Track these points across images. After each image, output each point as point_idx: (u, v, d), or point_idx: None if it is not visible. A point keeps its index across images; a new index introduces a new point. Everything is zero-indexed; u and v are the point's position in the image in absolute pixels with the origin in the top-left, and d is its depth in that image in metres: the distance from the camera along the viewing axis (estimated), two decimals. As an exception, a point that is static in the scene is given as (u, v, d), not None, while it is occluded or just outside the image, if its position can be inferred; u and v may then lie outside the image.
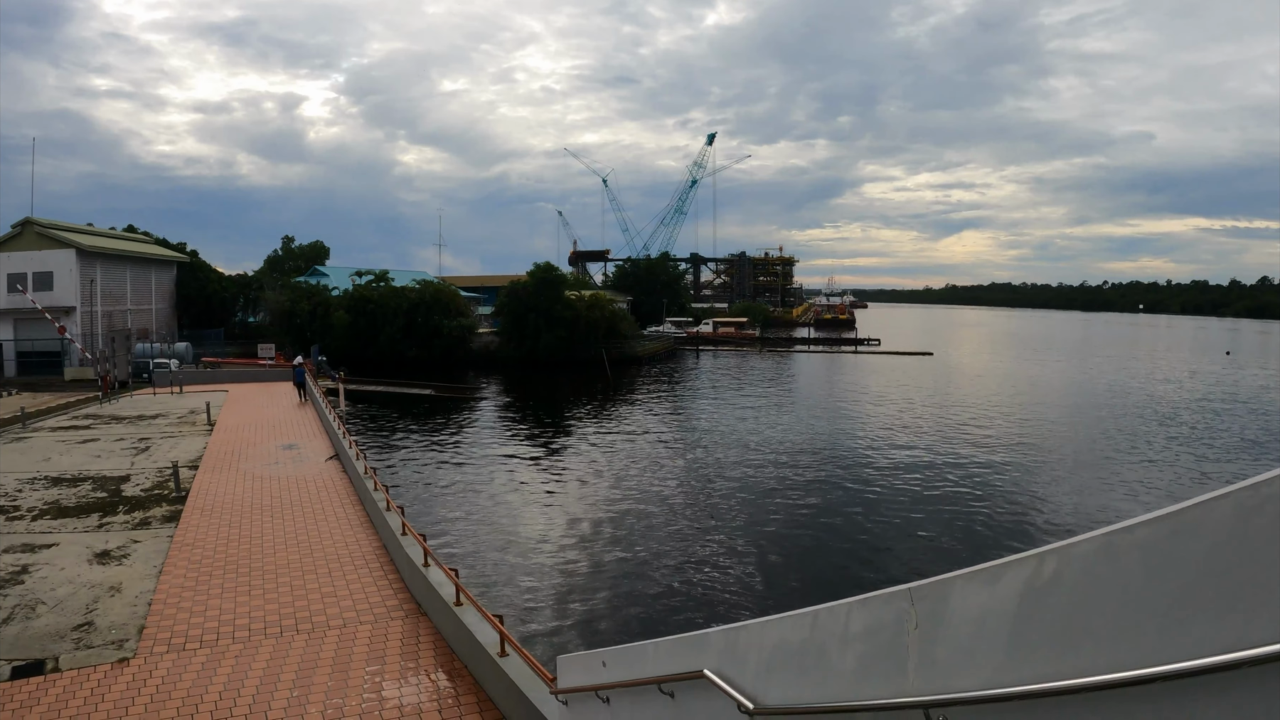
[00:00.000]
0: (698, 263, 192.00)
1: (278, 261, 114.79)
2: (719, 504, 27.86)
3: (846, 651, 3.53)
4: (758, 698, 4.18)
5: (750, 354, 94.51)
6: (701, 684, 4.79)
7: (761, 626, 4.29)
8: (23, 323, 62.07)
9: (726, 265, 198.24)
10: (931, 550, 23.35)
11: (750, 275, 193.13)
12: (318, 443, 28.42)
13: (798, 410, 50.10)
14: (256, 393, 45.00)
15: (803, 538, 24.38)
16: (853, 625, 3.47)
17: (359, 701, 9.97)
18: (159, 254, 79.71)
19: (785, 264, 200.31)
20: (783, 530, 24.99)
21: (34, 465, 24.91)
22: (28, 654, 11.51)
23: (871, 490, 29.49)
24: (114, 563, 15.61)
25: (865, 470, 32.60)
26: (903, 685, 3.12)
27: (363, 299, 75.99)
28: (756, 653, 4.30)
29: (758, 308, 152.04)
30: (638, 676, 5.98)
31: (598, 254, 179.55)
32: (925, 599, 3.04)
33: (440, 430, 43.14)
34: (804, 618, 3.84)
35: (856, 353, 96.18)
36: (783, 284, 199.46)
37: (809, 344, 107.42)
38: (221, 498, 20.64)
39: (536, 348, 73.57)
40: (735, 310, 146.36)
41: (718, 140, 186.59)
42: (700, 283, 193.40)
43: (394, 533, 15.41)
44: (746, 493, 29.20)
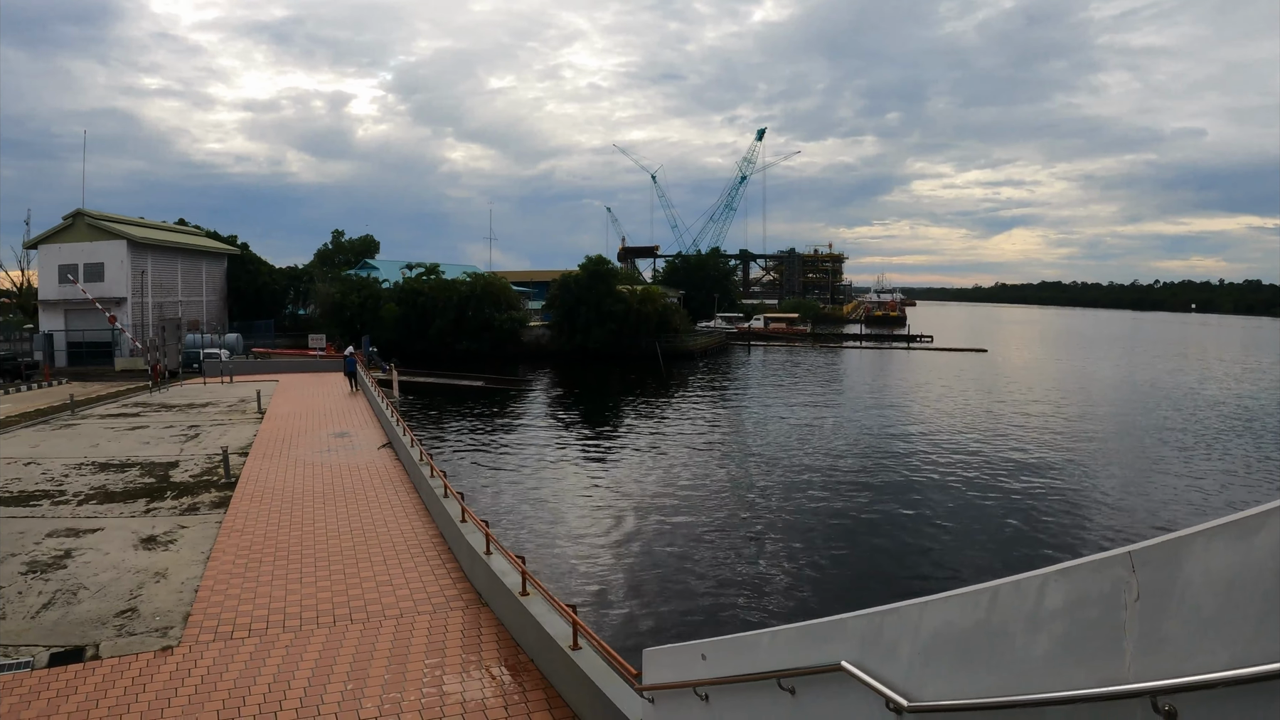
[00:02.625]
0: (747, 259, 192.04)
1: (328, 255, 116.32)
2: (781, 497, 27.06)
3: (1037, 634, 3.05)
4: (912, 693, 3.71)
5: (801, 350, 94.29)
6: (835, 678, 4.34)
7: (918, 609, 3.80)
8: (74, 313, 63.15)
9: (775, 262, 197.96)
10: (999, 545, 22.61)
11: (799, 272, 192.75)
12: (370, 431, 28.14)
13: (854, 406, 49.19)
14: (307, 382, 45.24)
15: (866, 532, 23.66)
16: (1047, 601, 3.00)
17: (418, 695, 9.43)
18: (209, 246, 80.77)
19: (835, 261, 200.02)
20: (847, 524, 24.24)
21: (82, 451, 24.91)
22: (67, 640, 11.15)
23: (936, 487, 28.59)
24: (160, 548, 15.30)
25: (930, 467, 31.62)
26: (1117, 671, 2.68)
27: (413, 292, 76.66)
28: (910, 640, 3.81)
29: (808, 304, 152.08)
30: (748, 671, 5.47)
31: (647, 250, 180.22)
32: (1150, 563, 2.61)
33: (492, 421, 42.88)
34: (977, 596, 3.39)
35: (909, 349, 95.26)
36: (832, 281, 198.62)
37: (860, 340, 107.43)
38: (272, 484, 20.35)
39: (587, 341, 73.74)
40: (786, 306, 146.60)
41: (765, 137, 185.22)
42: (749, 279, 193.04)
43: (453, 520, 14.89)
44: (808, 488, 28.37)
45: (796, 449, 35.23)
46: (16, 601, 12.57)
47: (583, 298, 74.58)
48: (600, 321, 73.41)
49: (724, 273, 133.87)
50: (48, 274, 65.37)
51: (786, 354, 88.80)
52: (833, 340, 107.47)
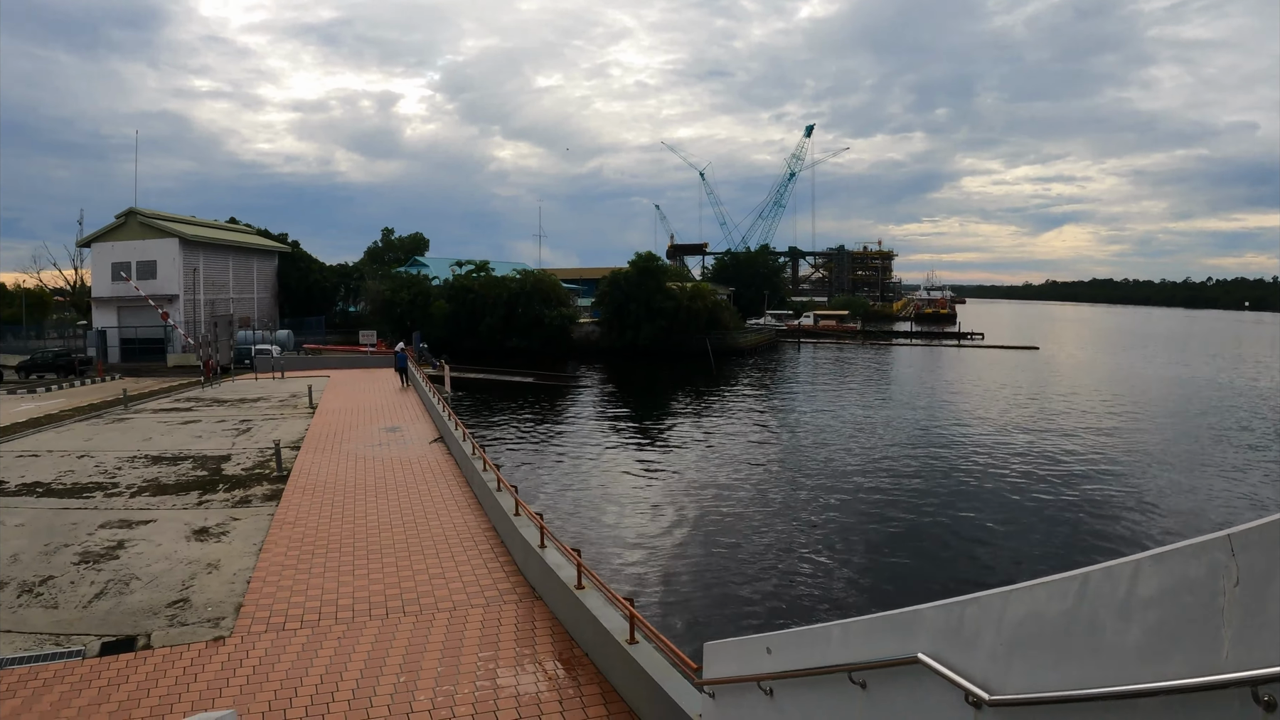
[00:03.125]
0: (796, 256, 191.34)
1: (378, 252, 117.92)
2: (832, 493, 26.70)
3: (1128, 622, 2.95)
4: (993, 685, 3.61)
5: (851, 347, 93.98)
6: (911, 671, 4.21)
7: (1001, 599, 3.66)
8: (127, 310, 64.62)
9: (825, 259, 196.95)
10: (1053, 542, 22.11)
11: (849, 269, 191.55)
12: (421, 426, 28.19)
13: (905, 403, 48.62)
14: (358, 378, 45.63)
15: (917, 527, 23.30)
16: (1140, 588, 2.90)
17: (471, 689, 9.30)
18: (260, 244, 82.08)
19: (884, 258, 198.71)
20: (899, 520, 23.87)
21: (135, 444, 25.26)
22: (119, 630, 11.19)
23: (988, 484, 27.99)
24: (212, 540, 15.37)
25: (982, 464, 30.98)
26: (1214, 660, 2.58)
27: (463, 288, 77.40)
28: (993, 631, 3.69)
29: (858, 301, 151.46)
30: (817, 664, 5.29)
31: (696, 247, 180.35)
32: (1252, 547, 2.48)
33: (542, 417, 42.93)
34: (1065, 584, 3.27)
35: (959, 347, 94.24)
36: (882, 278, 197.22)
37: (910, 338, 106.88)
38: (324, 477, 20.41)
39: (637, 337, 73.82)
40: (835, 304, 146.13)
41: (813, 134, 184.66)
42: (798, 277, 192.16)
43: (506, 513, 14.76)
44: (859, 484, 27.95)
45: (847, 446, 34.82)
46: (69, 591, 12.67)
47: (633, 294, 74.71)
48: (650, 318, 73.48)
49: (773, 270, 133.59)
50: (101, 272, 66.92)
51: (836, 351, 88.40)
52: (882, 338, 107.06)
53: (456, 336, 72.65)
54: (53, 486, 19.89)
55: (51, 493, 19.28)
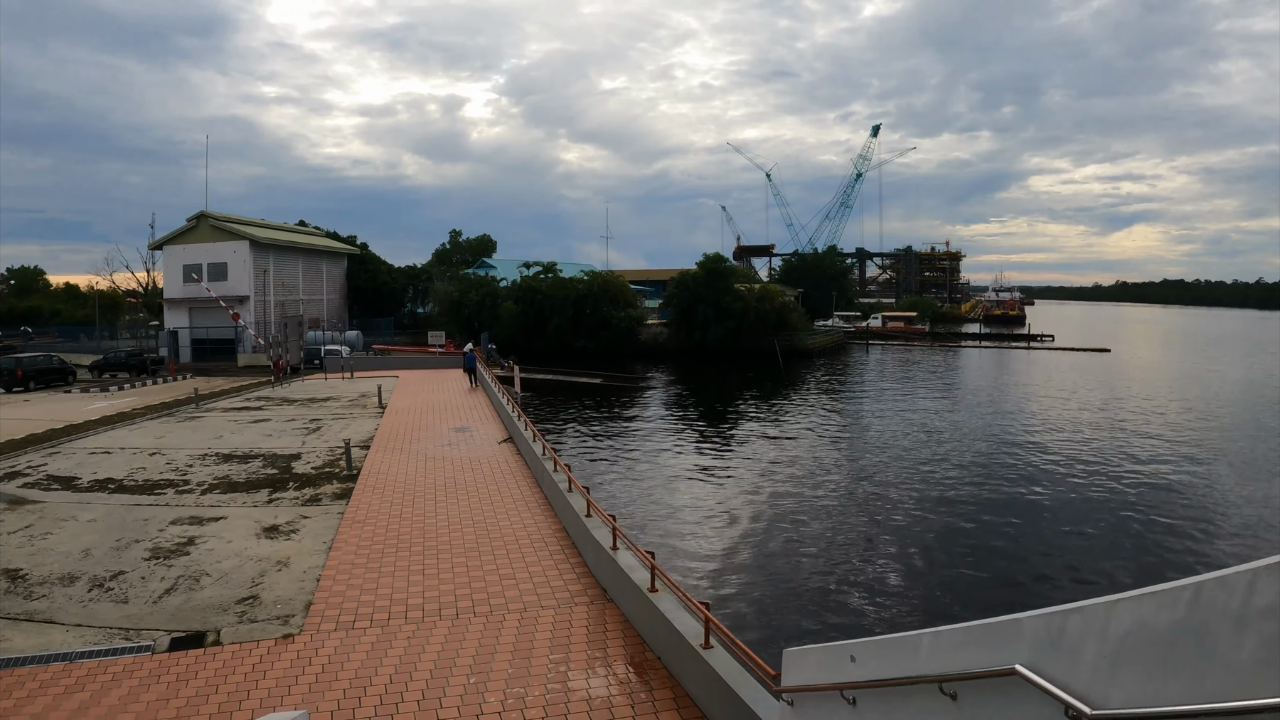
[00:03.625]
0: (863, 257, 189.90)
1: (446, 254, 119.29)
2: (905, 498, 26.17)
3: (1244, 634, 2.81)
4: (1095, 699, 3.49)
5: (920, 349, 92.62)
6: (1006, 683, 4.08)
7: (1105, 608, 3.53)
8: (198, 311, 66.30)
9: (892, 260, 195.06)
10: (1131, 550, 21.45)
11: (916, 270, 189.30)
12: (490, 426, 28.23)
13: (975, 406, 47.63)
14: (427, 378, 45.98)
15: (991, 533, 22.79)
16: (1258, 597, 2.76)
17: (542, 691, 9.18)
18: (330, 246, 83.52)
19: (952, 259, 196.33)
20: (971, 525, 23.36)
21: (205, 442, 25.68)
22: (188, 626, 11.26)
23: (1062, 489, 27.27)
24: (282, 537, 15.48)
25: (1056, 469, 30.11)
26: None
27: (531, 290, 78.03)
28: (1096, 642, 3.56)
29: (926, 302, 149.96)
30: (904, 674, 5.15)
31: (762, 249, 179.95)
32: None
33: (611, 418, 42.91)
34: (1176, 593, 3.14)
35: (1029, 349, 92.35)
36: (950, 279, 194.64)
37: (979, 339, 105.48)
38: (393, 477, 20.48)
39: (705, 339, 73.86)
40: (903, 305, 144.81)
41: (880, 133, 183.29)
42: (865, 278, 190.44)
43: (577, 514, 14.60)
44: (932, 488, 27.36)
45: (918, 449, 34.19)
46: (139, 586, 12.81)
47: (701, 296, 74.82)
48: (718, 319, 73.49)
49: (841, 271, 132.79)
50: (172, 274, 68.84)
51: (904, 353, 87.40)
52: (951, 339, 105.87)
53: (524, 338, 73.32)
54: (124, 483, 20.27)
55: (123, 489, 19.64)
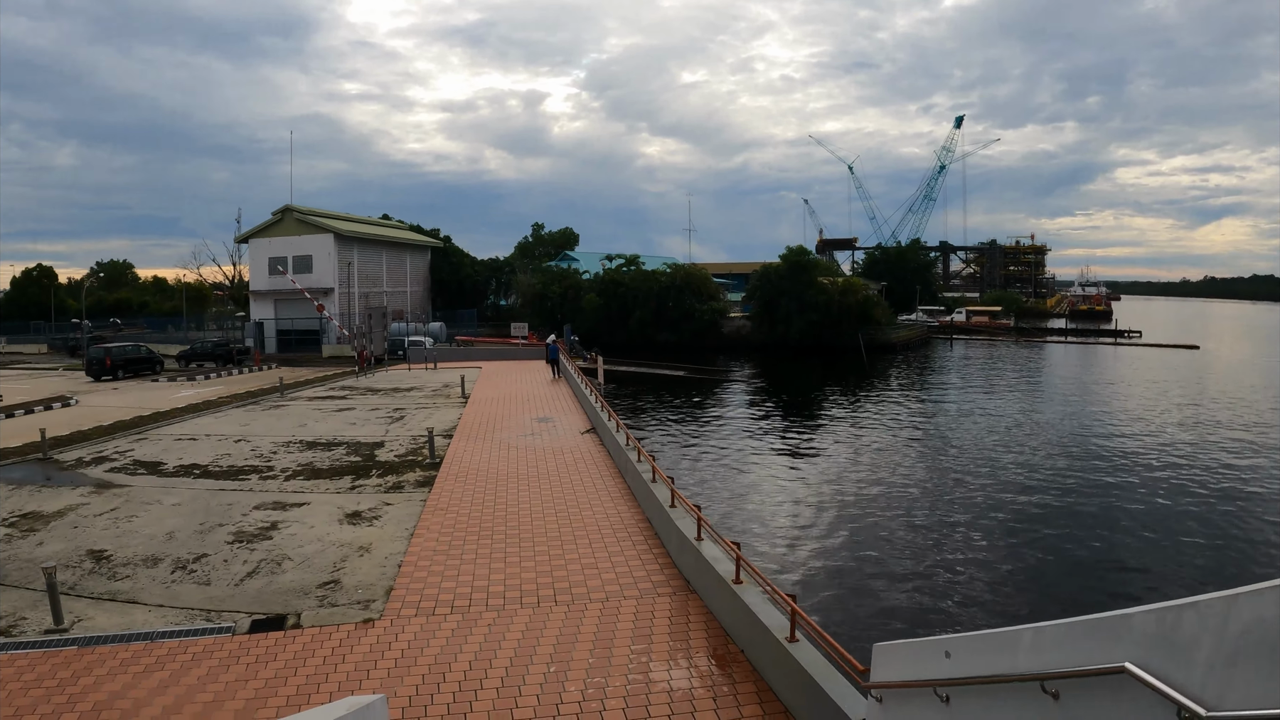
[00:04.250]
0: (947, 251, 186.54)
1: (528, 247, 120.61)
2: (991, 493, 25.40)
3: None
4: (1209, 700, 3.35)
5: (1004, 344, 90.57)
6: (1114, 682, 3.94)
7: (1224, 603, 3.38)
8: (283, 303, 67.97)
9: (976, 254, 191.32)
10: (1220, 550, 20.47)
11: (1001, 265, 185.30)
12: (573, 417, 28.24)
13: (1062, 402, 46.14)
14: (510, 369, 46.40)
15: (1078, 530, 22.00)
16: None
17: (623, 682, 9.07)
18: (413, 239, 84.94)
19: (1037, 253, 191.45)
20: (1060, 522, 22.61)
21: (290, 430, 26.19)
22: (269, 608, 11.39)
23: (1150, 487, 26.20)
24: (364, 524, 15.62)
25: (1142, 467, 28.85)
26: None
27: (614, 282, 78.53)
28: (1213, 639, 3.42)
29: (1011, 296, 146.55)
30: (1003, 671, 5.03)
31: (845, 242, 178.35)
32: None
33: (694, 410, 42.73)
34: None
35: (1115, 344, 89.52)
36: (1035, 274, 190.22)
37: (1065, 335, 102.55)
38: (476, 465, 20.58)
39: (789, 332, 73.22)
40: (988, 299, 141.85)
41: (963, 125, 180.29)
42: (949, 272, 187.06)
43: (661, 504, 14.42)
44: (1020, 484, 26.48)
45: (1005, 445, 33.24)
46: (222, 569, 13.02)
47: (784, 288, 74.22)
48: (801, 312, 72.82)
49: (924, 265, 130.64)
50: (258, 266, 70.93)
51: (988, 348, 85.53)
52: (1036, 335, 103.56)
53: (607, 330, 73.70)
54: (210, 468, 20.73)
55: (208, 474, 20.09)
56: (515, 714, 8.41)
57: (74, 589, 12.24)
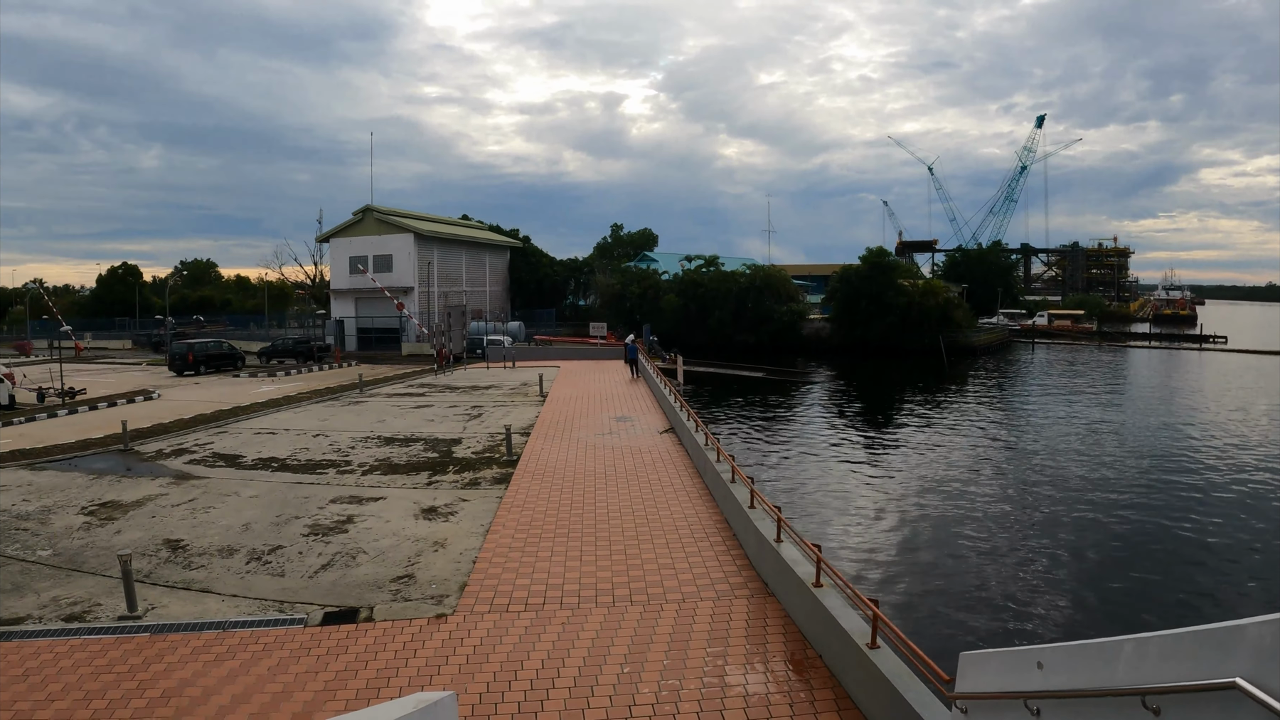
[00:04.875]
0: (1028, 253, 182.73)
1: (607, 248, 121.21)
2: (1081, 502, 24.56)
3: None
4: None
5: (1086, 348, 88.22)
6: (1224, 698, 3.70)
7: None
8: (363, 301, 69.20)
9: (1058, 257, 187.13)
10: None
11: (1083, 267, 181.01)
12: (651, 417, 28.08)
13: (1148, 409, 44.51)
14: (588, 369, 46.51)
15: (1169, 541, 21.24)
16: None
17: (698, 684, 8.89)
18: (492, 239, 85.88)
19: (1120, 256, 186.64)
20: (1148, 532, 21.84)
21: (368, 426, 26.49)
22: (342, 601, 11.41)
23: (1241, 499, 25.12)
24: (440, 519, 15.65)
25: (1231, 479, 27.76)
26: None
27: (692, 283, 78.42)
28: None
29: (1094, 300, 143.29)
30: (1101, 685, 4.79)
31: (925, 244, 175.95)
32: None
33: (773, 412, 42.35)
34: None
35: (1200, 350, 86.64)
36: (1117, 277, 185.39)
37: (1148, 340, 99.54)
38: (553, 463, 20.53)
39: (868, 334, 72.61)
40: (1070, 303, 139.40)
41: (1044, 124, 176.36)
42: (1030, 274, 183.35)
43: (740, 505, 14.16)
44: (1108, 495, 25.48)
45: (1090, 450, 32.15)
46: (296, 561, 13.11)
47: (863, 290, 73.63)
48: (881, 314, 72.20)
49: (1005, 267, 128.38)
50: (339, 265, 72.32)
51: (1070, 352, 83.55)
52: (1118, 339, 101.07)
53: (686, 331, 73.60)
54: (287, 462, 21.03)
55: (286, 468, 20.38)
56: (587, 715, 8.28)
57: (149, 577, 12.44)
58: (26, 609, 11.47)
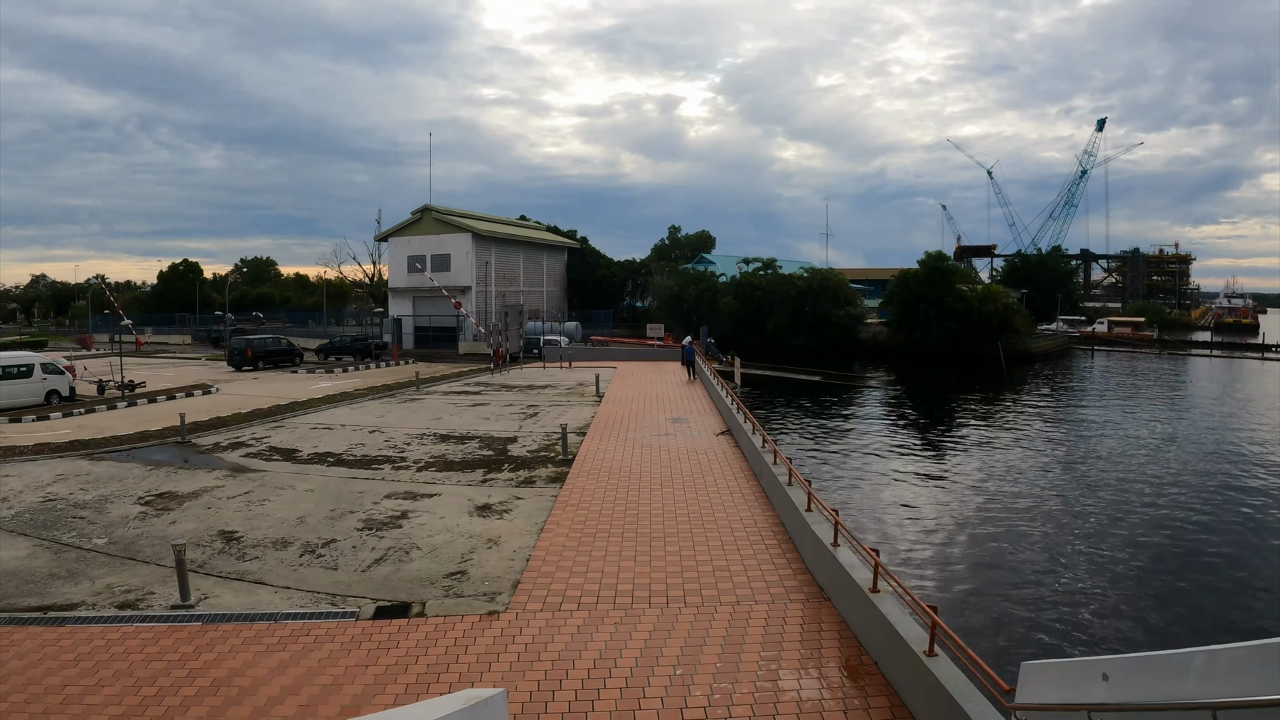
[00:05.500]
0: (1088, 259, 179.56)
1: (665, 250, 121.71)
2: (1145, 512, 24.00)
3: None
4: None
5: (1147, 356, 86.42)
6: None
7: None
8: (421, 300, 70.14)
9: (1118, 263, 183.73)
10: None
11: (1144, 274, 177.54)
12: (707, 418, 27.94)
13: (1213, 419, 43.42)
14: (644, 370, 46.52)
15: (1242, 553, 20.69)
16: None
17: (751, 689, 8.79)
18: (550, 239, 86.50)
19: (1181, 263, 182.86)
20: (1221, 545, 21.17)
21: (424, 423, 26.68)
22: (394, 596, 11.45)
23: None
24: (494, 516, 15.66)
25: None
26: None
27: (750, 286, 78.49)
28: None
29: (1154, 308, 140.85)
30: (1169, 698, 4.73)
31: (983, 249, 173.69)
32: None
33: (830, 416, 41.98)
34: None
35: (1263, 359, 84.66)
36: (1179, 284, 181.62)
37: (1209, 348, 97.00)
38: (608, 463, 20.49)
39: (926, 339, 72.02)
40: (1130, 310, 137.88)
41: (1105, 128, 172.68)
42: (1090, 281, 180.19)
43: (797, 508, 13.96)
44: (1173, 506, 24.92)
45: (1154, 461, 31.36)
46: (350, 555, 13.18)
47: (922, 294, 73.06)
48: (940, 319, 71.57)
49: (1065, 273, 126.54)
50: (397, 264, 73.37)
51: (1130, 360, 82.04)
52: (1179, 347, 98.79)
53: (743, 333, 73.53)
54: (343, 457, 21.22)
55: (341, 463, 20.56)
56: (638, 716, 8.22)
57: (203, 567, 12.60)
58: (80, 595, 11.69)
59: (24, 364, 32.15)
